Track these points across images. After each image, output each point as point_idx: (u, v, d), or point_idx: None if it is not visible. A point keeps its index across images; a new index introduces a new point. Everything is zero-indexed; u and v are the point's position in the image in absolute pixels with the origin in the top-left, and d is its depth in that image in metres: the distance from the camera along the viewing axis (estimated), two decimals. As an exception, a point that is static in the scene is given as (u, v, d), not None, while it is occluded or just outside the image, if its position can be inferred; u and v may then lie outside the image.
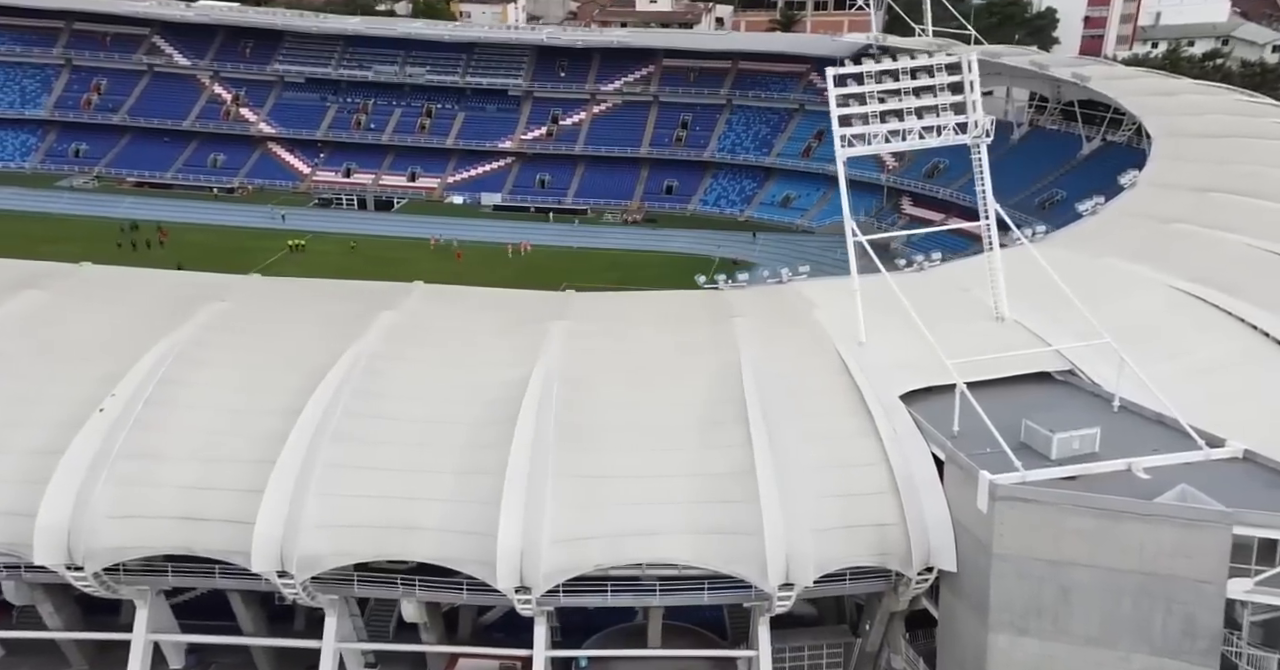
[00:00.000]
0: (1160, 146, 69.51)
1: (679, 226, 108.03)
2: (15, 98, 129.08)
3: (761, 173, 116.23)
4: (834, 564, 38.33)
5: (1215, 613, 34.56)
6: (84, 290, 49.72)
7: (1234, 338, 45.56)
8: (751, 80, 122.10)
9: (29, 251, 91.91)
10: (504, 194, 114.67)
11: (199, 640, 42.07)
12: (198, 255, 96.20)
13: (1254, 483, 36.48)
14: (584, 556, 37.19)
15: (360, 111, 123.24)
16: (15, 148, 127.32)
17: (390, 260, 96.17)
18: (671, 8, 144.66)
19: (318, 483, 37.13)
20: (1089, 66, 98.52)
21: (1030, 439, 38.77)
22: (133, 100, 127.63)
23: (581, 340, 43.99)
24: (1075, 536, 35.46)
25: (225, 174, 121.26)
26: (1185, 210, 56.77)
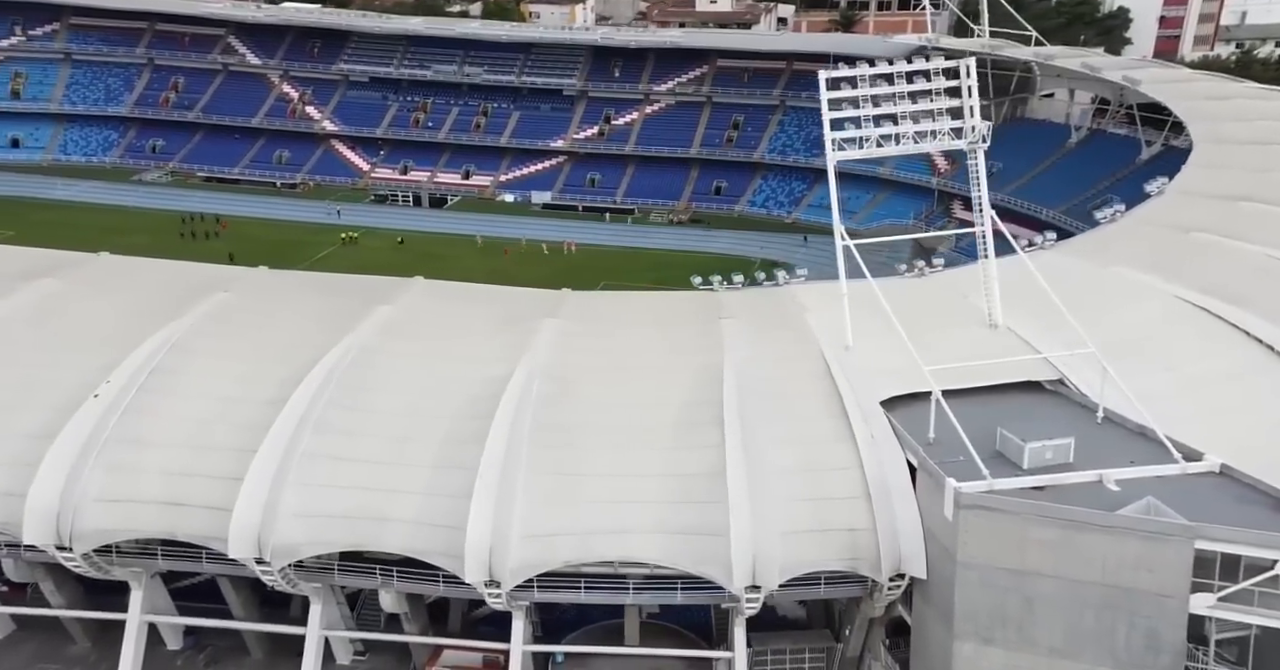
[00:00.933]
0: (1200, 153, 68.22)
1: (725, 227, 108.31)
2: (100, 95, 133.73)
3: (811, 174, 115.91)
4: (802, 567, 38.58)
5: (1178, 627, 34.24)
6: (96, 279, 51.62)
7: (1236, 350, 44.88)
8: (805, 81, 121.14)
9: (97, 241, 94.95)
10: (554, 193, 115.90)
11: (191, 622, 43.59)
12: (252, 247, 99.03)
13: (1226, 497, 36.00)
14: (553, 553, 37.88)
15: (419, 110, 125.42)
16: (99, 143, 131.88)
17: (436, 256, 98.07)
18: (731, 8, 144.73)
19: (297, 472, 38.37)
20: (1145, 69, 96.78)
21: (1004, 448, 38.68)
22: (207, 98, 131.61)
23: (569, 339, 44.78)
24: (1039, 547, 35.33)
25: (289, 170, 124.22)
26: (1209, 219, 55.86)
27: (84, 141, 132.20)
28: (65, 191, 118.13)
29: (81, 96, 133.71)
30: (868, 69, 45.64)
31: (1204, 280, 48.53)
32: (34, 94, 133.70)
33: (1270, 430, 41.63)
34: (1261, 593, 33.33)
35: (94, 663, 43.26)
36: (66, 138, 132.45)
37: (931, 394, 40.40)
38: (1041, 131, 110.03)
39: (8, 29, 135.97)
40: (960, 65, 45.55)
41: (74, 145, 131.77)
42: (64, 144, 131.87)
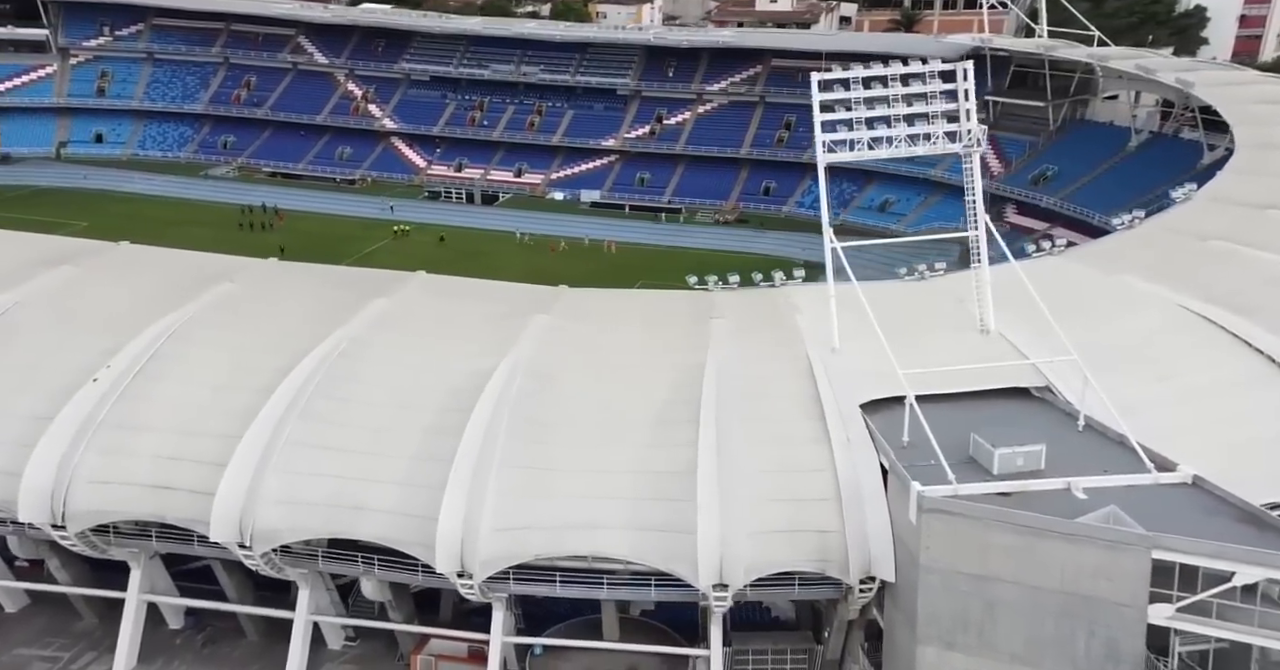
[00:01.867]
0: (1240, 158, 67.01)
1: (771, 228, 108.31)
2: (178, 93, 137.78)
3: (862, 176, 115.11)
4: (771, 568, 38.89)
5: (1136, 637, 33.99)
6: (112, 267, 53.68)
7: (1235, 361, 44.39)
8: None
9: (160, 233, 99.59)
10: (603, 191, 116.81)
11: (188, 603, 45.10)
12: (305, 240, 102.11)
13: (1195, 509, 35.74)
14: (524, 546, 38.68)
15: (476, 108, 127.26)
16: (175, 139, 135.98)
17: (480, 252, 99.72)
18: (791, 7, 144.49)
19: (280, 459, 39.67)
20: (1204, 71, 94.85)
21: (977, 453, 38.72)
22: (276, 96, 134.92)
23: (557, 335, 45.62)
24: (1000, 552, 35.30)
25: (350, 166, 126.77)
26: (1232, 227, 55.07)
27: (161, 137, 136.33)
28: (140, 185, 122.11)
29: (161, 94, 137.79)
30: (861, 70, 45.57)
31: (1213, 289, 47.95)
32: (118, 92, 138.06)
33: (1258, 443, 41.22)
34: (1220, 605, 32.94)
35: (99, 638, 44.87)
36: (145, 133, 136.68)
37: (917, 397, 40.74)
38: (1102, 134, 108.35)
39: (96, 30, 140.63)
40: (956, 68, 45.43)
41: (152, 141, 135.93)
42: (143, 139, 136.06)
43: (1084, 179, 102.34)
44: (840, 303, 46.59)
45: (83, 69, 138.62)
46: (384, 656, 45.23)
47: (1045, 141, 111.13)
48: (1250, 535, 33.99)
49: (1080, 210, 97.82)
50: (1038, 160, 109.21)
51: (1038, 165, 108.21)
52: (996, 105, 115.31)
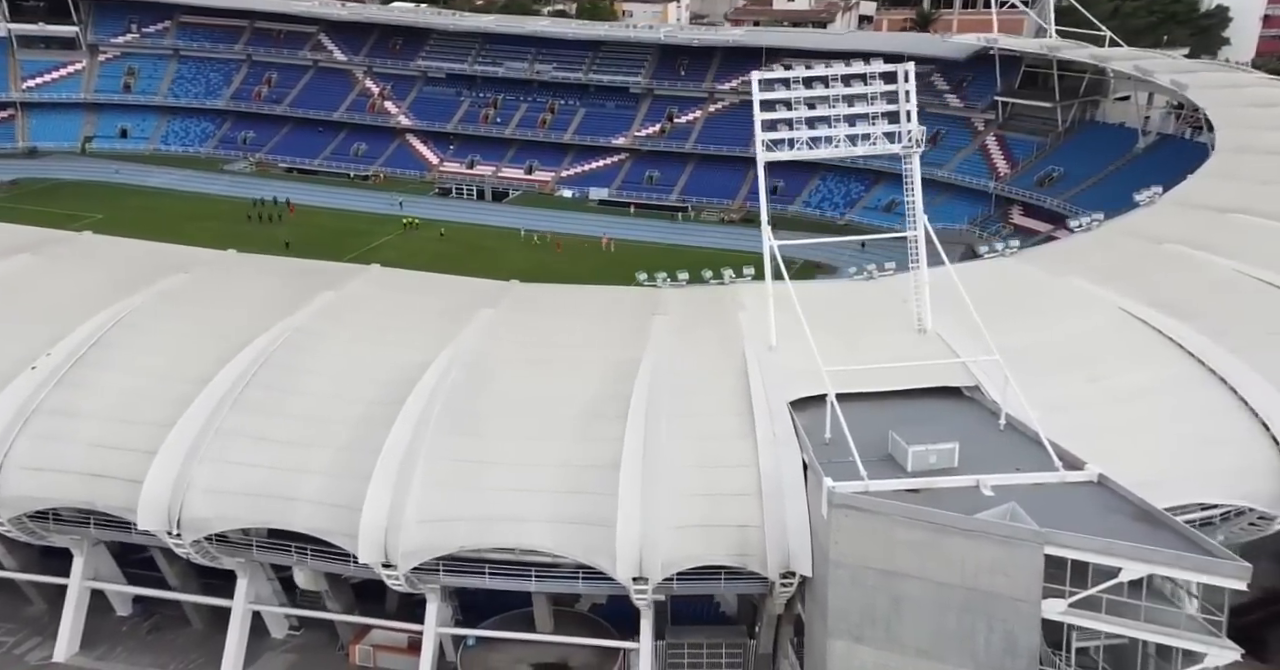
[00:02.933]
0: (1215, 162, 66.76)
1: (775, 227, 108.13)
2: (201, 89, 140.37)
3: (870, 176, 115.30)
4: (689, 561, 39.45)
5: (1032, 631, 34.31)
6: (71, 257, 54.96)
7: (1168, 364, 44.54)
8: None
9: (173, 226, 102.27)
10: (612, 189, 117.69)
11: (129, 590, 46.17)
12: (312, 234, 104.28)
13: (1095, 507, 36.02)
14: (449, 537, 39.45)
15: (490, 106, 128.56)
16: (197, 134, 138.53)
17: (484, 248, 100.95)
18: (809, 6, 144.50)
19: (211, 448, 40.68)
20: (1203, 73, 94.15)
21: (894, 450, 39.15)
22: (296, 93, 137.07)
23: (499, 329, 46.46)
24: (905, 548, 35.72)
25: (365, 162, 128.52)
26: (1190, 231, 55.08)
27: (184, 132, 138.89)
28: (159, 179, 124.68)
29: (185, 90, 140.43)
30: (802, 70, 46.05)
31: (1157, 293, 48.08)
32: (143, 88, 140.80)
33: (1180, 444, 41.49)
34: (1109, 600, 33.30)
35: (45, 624, 45.79)
36: (169, 129, 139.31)
37: (847, 395, 41.30)
38: (1112, 135, 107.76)
39: (124, 27, 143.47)
40: (898, 70, 45.78)
41: (174, 136, 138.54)
42: (166, 135, 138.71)
43: (1090, 180, 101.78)
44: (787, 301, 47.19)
45: (110, 65, 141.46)
46: (326, 646, 46.07)
47: (1053, 142, 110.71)
48: (1143, 532, 34.30)
49: (1085, 212, 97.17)
50: (1045, 161, 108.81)
51: (1044, 166, 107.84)
52: (1006, 106, 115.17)
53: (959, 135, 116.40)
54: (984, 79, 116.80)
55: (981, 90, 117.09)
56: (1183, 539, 33.90)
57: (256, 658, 45.14)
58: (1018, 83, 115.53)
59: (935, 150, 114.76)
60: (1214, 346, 44.12)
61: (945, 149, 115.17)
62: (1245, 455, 41.69)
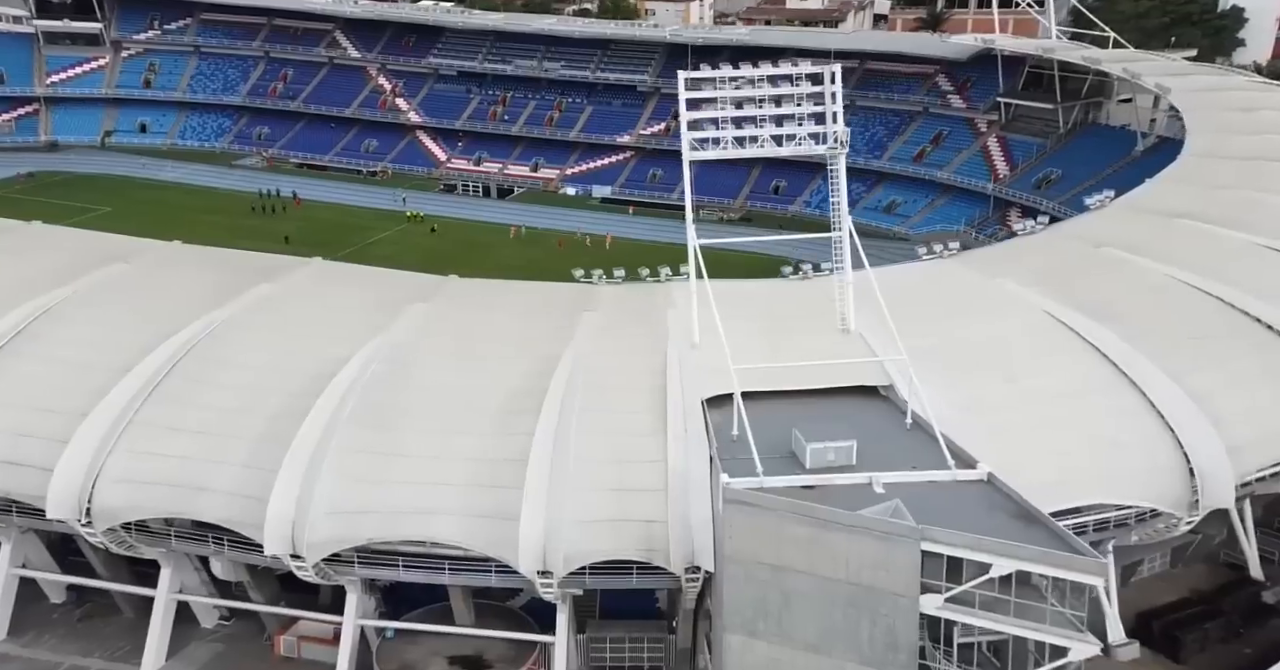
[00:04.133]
0: (1178, 167, 66.49)
1: (772, 226, 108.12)
2: (219, 85, 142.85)
3: (872, 176, 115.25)
4: (595, 556, 40.04)
5: (912, 626, 34.65)
6: (14, 247, 56.44)
7: (1083, 367, 44.84)
8: (876, 81, 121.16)
9: (179, 218, 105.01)
10: (614, 187, 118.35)
11: (56, 578, 47.12)
12: (313, 228, 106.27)
13: (980, 505, 36.45)
14: (357, 530, 40.24)
15: (499, 103, 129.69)
16: (213, 129, 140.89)
17: (478, 244, 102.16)
18: (822, 4, 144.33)
19: (126, 438, 41.67)
20: (1193, 76, 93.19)
21: (796, 448, 39.61)
22: (310, 89, 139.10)
23: (428, 323, 47.27)
24: (793, 544, 36.10)
25: (375, 158, 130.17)
26: (1131, 235, 55.39)
27: (201, 128, 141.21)
28: (172, 173, 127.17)
29: (203, 86, 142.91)
30: (728, 70, 46.39)
31: (1085, 296, 48.33)
32: (163, 83, 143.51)
33: (1086, 446, 41.73)
34: (982, 596, 33.59)
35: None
36: (186, 124, 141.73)
37: (765, 392, 41.88)
38: (1113, 137, 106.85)
39: (146, 23, 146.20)
40: (824, 71, 46.03)
41: (192, 131, 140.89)
42: (183, 130, 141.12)
43: (1087, 183, 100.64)
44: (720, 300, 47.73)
45: (132, 61, 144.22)
46: (254, 637, 46.88)
47: (1054, 144, 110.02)
48: (1019, 530, 34.73)
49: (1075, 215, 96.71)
50: (1044, 163, 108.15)
51: (1043, 168, 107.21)
52: (1009, 107, 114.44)
53: (961, 136, 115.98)
54: (988, 80, 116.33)
55: (985, 91, 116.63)
56: (1054, 537, 34.24)
57: (184, 646, 46.09)
58: (1021, 84, 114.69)
59: (937, 151, 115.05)
60: (1130, 350, 44.31)
61: (947, 150, 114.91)
62: (1151, 457, 41.89)
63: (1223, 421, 43.14)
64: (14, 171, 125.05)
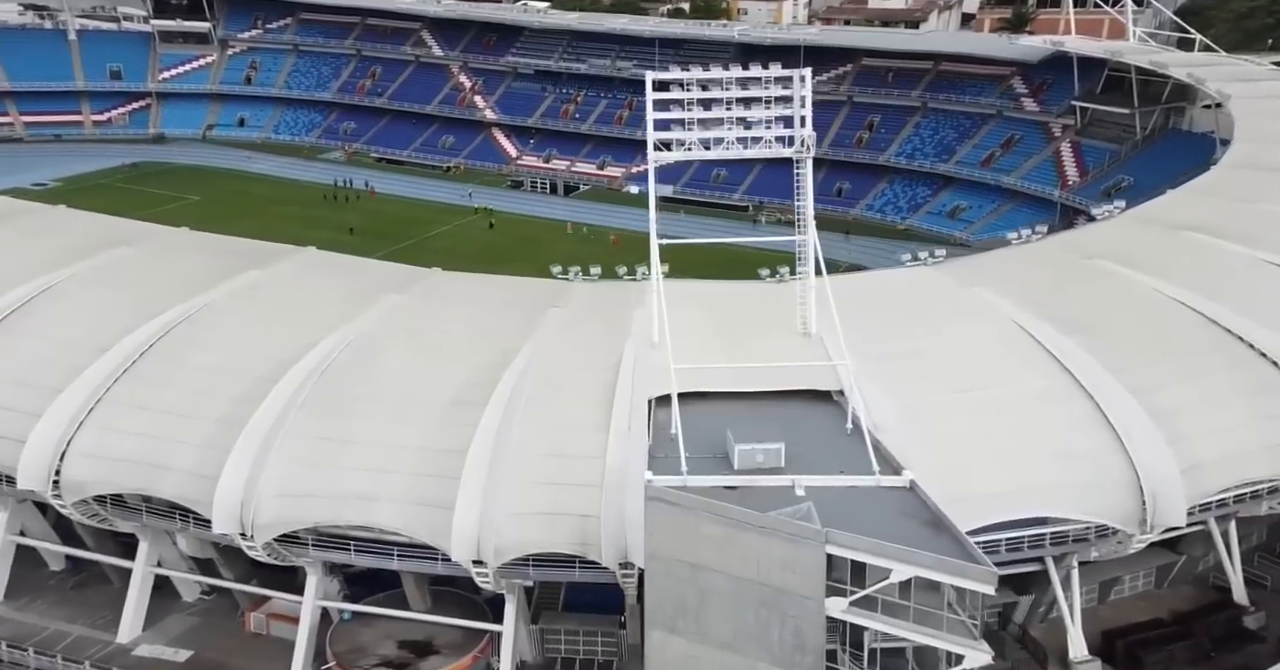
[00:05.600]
0: (1208, 177, 64.61)
1: (827, 230, 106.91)
2: (313, 82, 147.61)
3: (939, 180, 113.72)
4: (529, 548, 40.76)
5: (818, 628, 34.63)
6: (30, 229, 59.42)
7: (1042, 378, 44.10)
8: (949, 83, 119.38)
9: (254, 209, 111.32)
10: (676, 186, 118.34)
11: (48, 547, 49.45)
12: (379, 220, 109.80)
13: (894, 511, 36.25)
14: (304, 512, 41.56)
15: (571, 102, 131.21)
16: (304, 124, 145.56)
17: (532, 239, 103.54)
18: (905, 5, 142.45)
19: (96, 415, 43.60)
20: (1262, 83, 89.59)
21: (728, 448, 39.69)
22: (396, 86, 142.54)
23: (398, 314, 48.49)
24: (709, 542, 36.26)
25: (451, 154, 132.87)
26: (1128, 247, 54.32)
27: (294, 123, 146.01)
28: (261, 165, 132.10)
29: (298, 83, 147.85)
30: (698, 73, 46.53)
31: (1060, 308, 47.61)
32: (263, 80, 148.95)
33: (1035, 457, 41.12)
34: (884, 600, 33.53)
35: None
36: (281, 119, 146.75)
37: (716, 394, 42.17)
38: (1190, 144, 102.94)
39: (250, 22, 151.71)
40: (794, 75, 45.90)
41: (285, 126, 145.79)
42: (278, 124, 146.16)
43: (1158, 192, 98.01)
44: (687, 301, 48.13)
45: (236, 59, 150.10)
46: (229, 613, 48.59)
47: (1129, 151, 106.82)
48: (927, 537, 34.54)
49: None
50: (1117, 171, 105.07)
51: (1115, 176, 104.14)
52: (1085, 111, 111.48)
53: (1034, 141, 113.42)
54: (1064, 83, 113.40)
55: (1060, 94, 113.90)
56: (958, 545, 33.86)
57: (163, 618, 48.08)
58: (1100, 87, 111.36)
59: (1007, 156, 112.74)
60: (1091, 363, 43.44)
61: (1017, 154, 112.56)
62: (1102, 472, 41.02)
63: (1187, 438, 42.07)
64: (120, 161, 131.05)
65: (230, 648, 46.97)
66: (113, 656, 45.89)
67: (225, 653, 46.69)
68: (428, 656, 44.32)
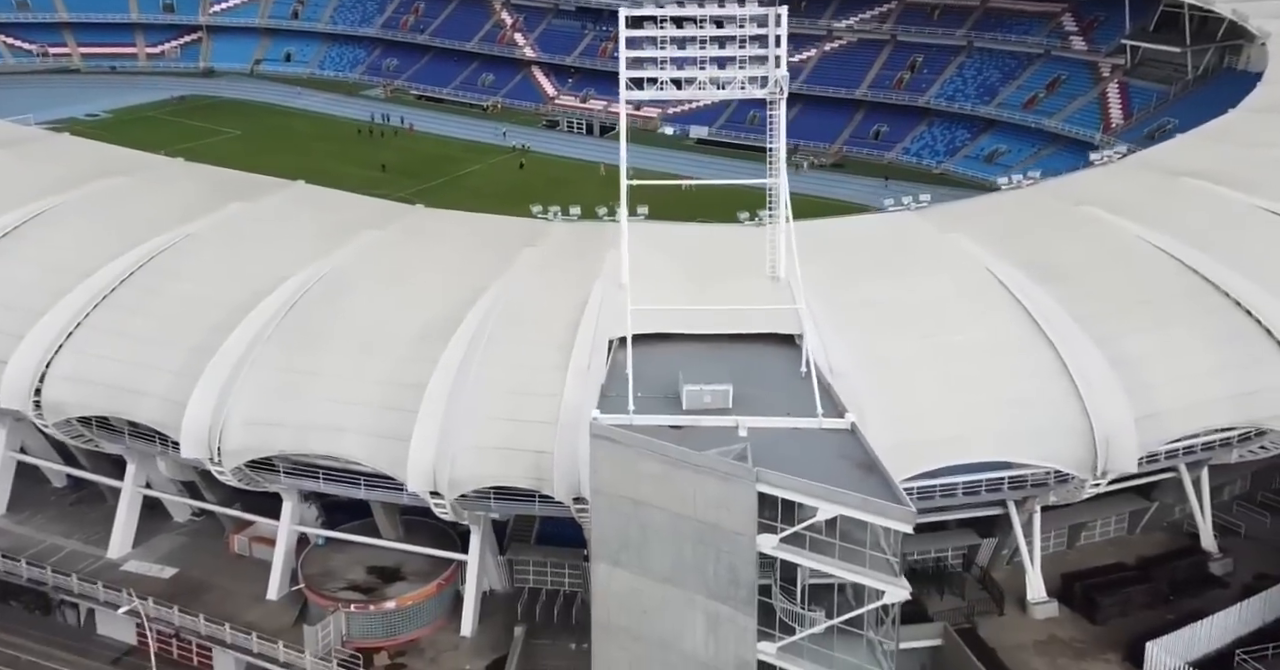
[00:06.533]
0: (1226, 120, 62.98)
1: (864, 174, 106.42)
2: (358, 18, 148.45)
3: (980, 123, 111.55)
4: (485, 481, 41.68)
5: (750, 563, 35.07)
6: (33, 157, 60.88)
7: (1007, 326, 43.85)
8: (996, 21, 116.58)
9: (291, 144, 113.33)
10: (712, 128, 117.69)
11: (48, 466, 51.49)
12: (412, 157, 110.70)
13: (831, 453, 36.38)
14: (270, 441, 42.80)
15: (610, 40, 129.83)
16: (348, 60, 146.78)
17: (560, 180, 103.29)
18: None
19: (76, 339, 45.09)
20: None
21: (680, 389, 40.02)
22: (438, 22, 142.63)
23: (375, 250, 49.26)
24: (649, 479, 36.84)
25: (490, 93, 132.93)
26: (1121, 194, 53.29)
27: (339, 59, 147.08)
28: (304, 101, 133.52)
29: (344, 18, 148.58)
30: (673, 9, 46.18)
31: (1036, 255, 47.21)
32: (309, 15, 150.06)
33: (991, 403, 41.22)
34: (812, 538, 34.00)
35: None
36: (326, 55, 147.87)
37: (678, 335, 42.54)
38: (1243, 85, 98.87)
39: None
40: (769, 14, 45.38)
41: (330, 62, 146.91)
42: (323, 60, 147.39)
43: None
44: (664, 244, 48.35)
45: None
46: (217, 535, 50.26)
47: (1179, 92, 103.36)
48: (857, 478, 34.82)
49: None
50: (1162, 113, 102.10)
51: (1159, 119, 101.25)
52: (1136, 51, 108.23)
53: (1080, 82, 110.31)
54: (1117, 20, 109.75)
55: (1111, 32, 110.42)
56: (884, 486, 34.12)
57: (153, 537, 49.96)
58: (1153, 25, 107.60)
59: (1051, 98, 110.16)
60: (1057, 310, 43.15)
61: (1061, 96, 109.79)
62: (1056, 419, 40.90)
63: (1150, 386, 41.80)
64: (169, 94, 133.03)
65: (214, 567, 48.77)
66: (101, 571, 47.83)
67: (209, 572, 48.48)
68: (394, 582, 45.62)
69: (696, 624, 36.98)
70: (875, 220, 52.39)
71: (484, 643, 45.05)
